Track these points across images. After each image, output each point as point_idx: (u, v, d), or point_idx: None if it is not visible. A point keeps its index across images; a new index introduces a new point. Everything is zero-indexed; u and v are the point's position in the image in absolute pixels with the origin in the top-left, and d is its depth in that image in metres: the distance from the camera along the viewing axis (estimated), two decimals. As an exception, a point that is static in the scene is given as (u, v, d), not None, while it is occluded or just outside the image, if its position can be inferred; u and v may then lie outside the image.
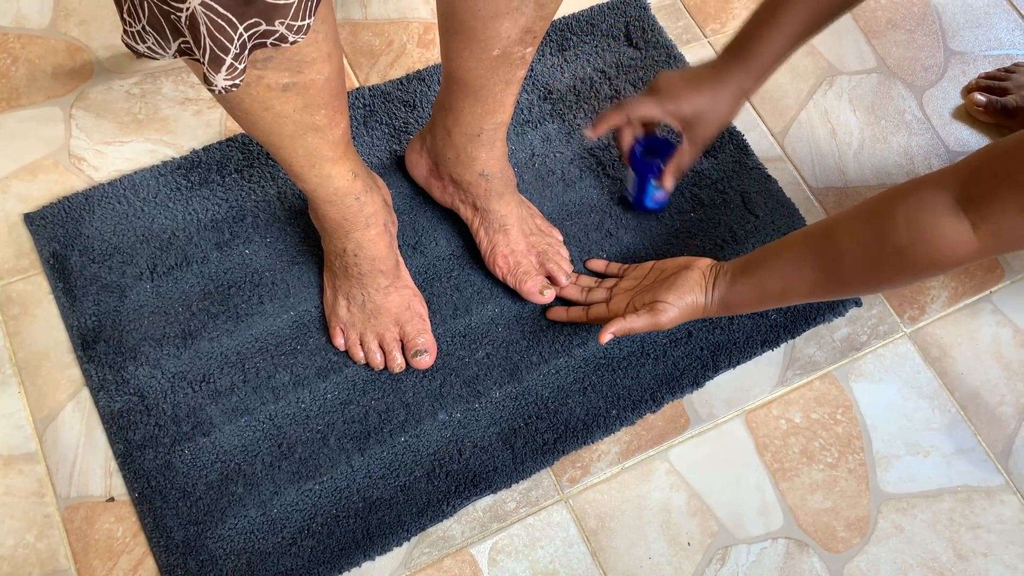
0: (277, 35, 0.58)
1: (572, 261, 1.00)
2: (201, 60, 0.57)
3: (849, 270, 0.76)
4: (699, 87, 0.90)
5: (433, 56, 1.13)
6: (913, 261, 0.72)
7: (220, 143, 1.04)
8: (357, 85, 1.10)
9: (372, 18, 1.15)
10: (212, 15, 0.54)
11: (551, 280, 0.97)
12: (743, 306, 0.85)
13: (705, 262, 0.89)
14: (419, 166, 1.00)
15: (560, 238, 1.01)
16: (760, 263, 0.83)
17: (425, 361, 0.93)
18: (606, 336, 0.86)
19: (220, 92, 0.59)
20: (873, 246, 0.74)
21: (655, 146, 0.97)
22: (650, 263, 0.94)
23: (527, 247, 0.97)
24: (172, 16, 0.54)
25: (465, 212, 0.98)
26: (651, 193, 0.99)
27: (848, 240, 0.76)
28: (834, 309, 1.01)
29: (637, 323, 0.86)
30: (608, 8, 1.16)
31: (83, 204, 0.99)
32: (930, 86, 1.17)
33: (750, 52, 0.87)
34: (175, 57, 0.58)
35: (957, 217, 0.68)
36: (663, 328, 0.87)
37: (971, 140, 1.14)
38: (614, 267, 0.99)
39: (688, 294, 0.86)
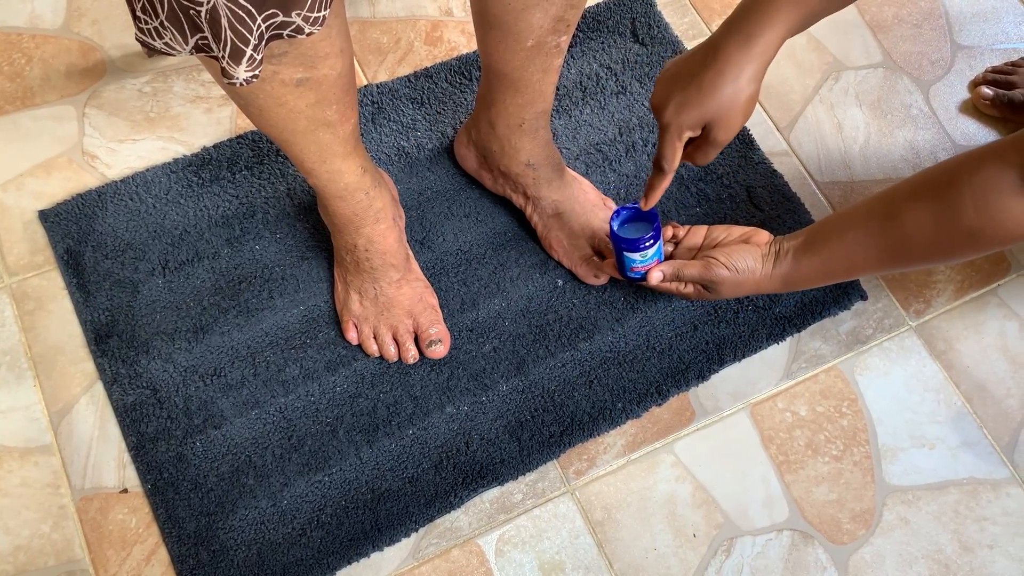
0: (294, 27, 0.59)
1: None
2: (221, 54, 0.58)
3: (918, 250, 0.77)
4: (709, 90, 0.80)
5: (440, 54, 1.14)
6: (985, 241, 0.73)
7: (231, 140, 1.05)
8: (365, 82, 1.11)
9: (380, 16, 1.16)
10: (233, 7, 0.55)
11: (606, 259, 0.98)
12: (805, 283, 0.86)
13: (763, 237, 0.87)
14: (468, 159, 1.02)
15: (615, 207, 1.01)
16: (823, 242, 0.83)
17: (440, 351, 0.94)
18: (656, 274, 0.87)
19: (241, 84, 0.60)
20: (943, 229, 0.74)
21: (641, 214, 0.89)
22: (704, 228, 0.91)
23: (581, 228, 0.98)
24: (191, 12, 0.55)
25: (517, 200, 1.00)
26: (629, 265, 0.90)
27: (915, 223, 0.76)
28: (839, 303, 1.01)
29: (688, 270, 0.86)
30: (614, 4, 1.17)
31: (96, 201, 1.01)
32: (937, 80, 1.17)
33: (755, 33, 0.78)
34: (191, 54, 0.59)
35: None
36: (717, 291, 0.86)
37: (978, 134, 1.14)
38: (668, 231, 0.94)
39: (743, 260, 0.85)
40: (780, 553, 0.91)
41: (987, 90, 1.14)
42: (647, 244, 0.87)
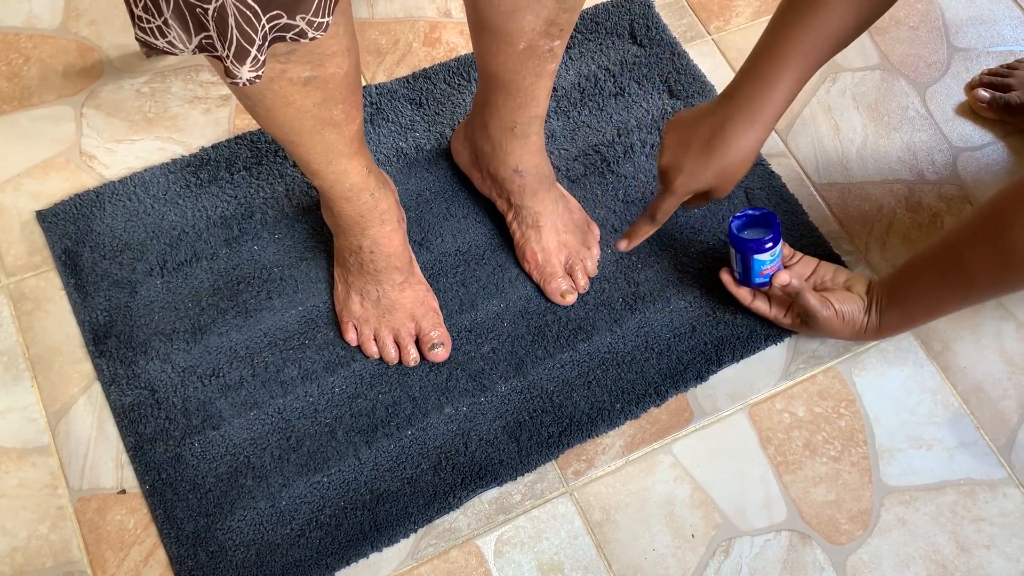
0: (297, 30, 0.59)
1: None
2: (226, 53, 0.58)
3: (985, 288, 0.83)
4: (717, 163, 0.83)
5: (439, 55, 1.14)
6: None
7: (229, 141, 1.05)
8: (364, 83, 1.11)
9: (379, 17, 1.16)
10: (241, 6, 0.55)
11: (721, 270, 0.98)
12: (893, 332, 0.94)
13: (862, 287, 0.93)
14: (462, 155, 1.03)
15: (597, 234, 1.02)
16: (902, 294, 0.90)
17: (441, 354, 0.94)
18: (784, 275, 0.91)
19: (244, 84, 0.60)
20: (1002, 265, 0.78)
21: (754, 219, 0.94)
22: (813, 261, 0.96)
23: (557, 246, 0.98)
24: (197, 10, 0.55)
25: (501, 205, 1.00)
26: (758, 269, 0.93)
27: (977, 264, 0.80)
28: (837, 304, 1.02)
29: (810, 296, 0.90)
30: (612, 6, 1.17)
31: (94, 201, 1.01)
32: (933, 82, 1.18)
33: (760, 103, 0.81)
34: (194, 53, 0.59)
35: None
36: (816, 327, 0.92)
37: (974, 136, 1.14)
38: (787, 249, 0.98)
39: (850, 309, 0.92)
40: (778, 553, 0.91)
41: (983, 92, 1.14)
42: (768, 246, 0.91)
